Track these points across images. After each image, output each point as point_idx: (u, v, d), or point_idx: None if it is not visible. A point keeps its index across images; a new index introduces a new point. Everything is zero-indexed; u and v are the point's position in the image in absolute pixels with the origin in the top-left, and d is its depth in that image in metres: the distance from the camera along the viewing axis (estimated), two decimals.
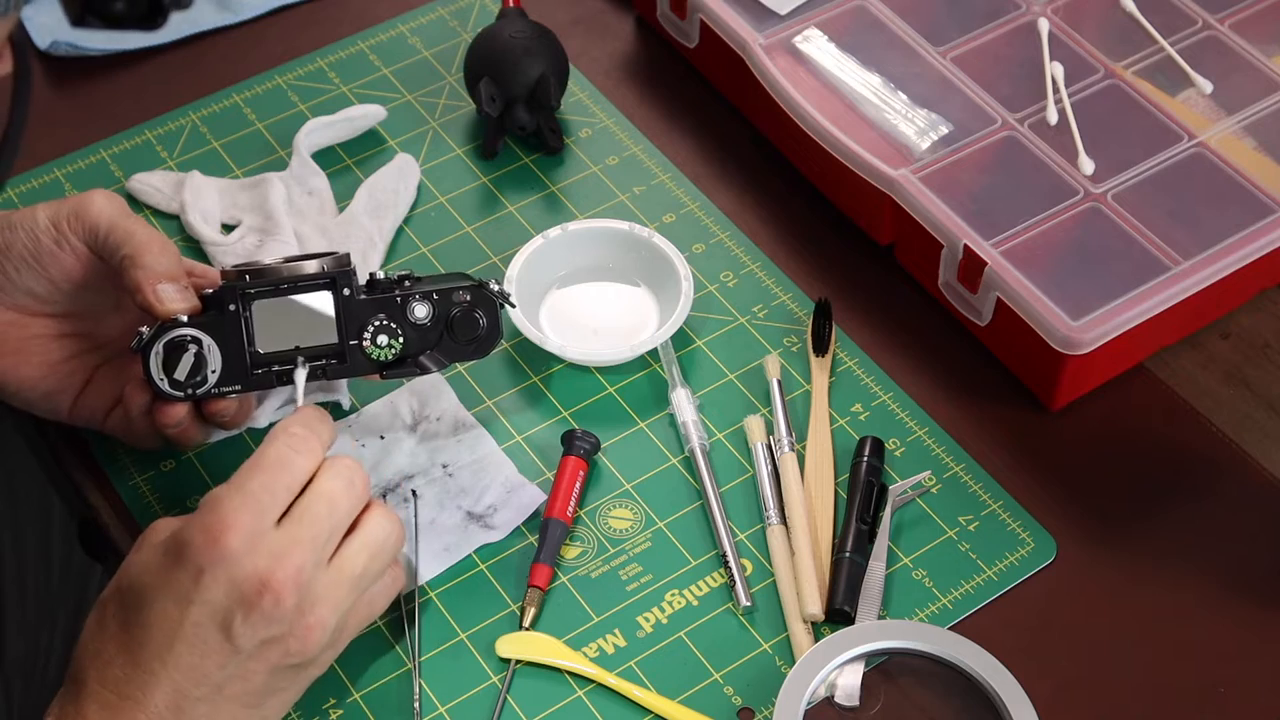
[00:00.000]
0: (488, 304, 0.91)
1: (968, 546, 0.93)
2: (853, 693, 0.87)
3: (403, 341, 0.90)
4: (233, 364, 0.88)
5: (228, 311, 0.88)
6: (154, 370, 0.88)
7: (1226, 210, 1.00)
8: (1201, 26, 1.10)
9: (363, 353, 0.90)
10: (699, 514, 0.95)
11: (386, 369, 0.90)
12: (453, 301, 0.90)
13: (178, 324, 0.88)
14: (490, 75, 1.09)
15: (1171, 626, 0.91)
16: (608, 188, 1.10)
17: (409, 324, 0.90)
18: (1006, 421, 0.99)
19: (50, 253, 0.90)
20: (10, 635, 0.97)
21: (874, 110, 1.07)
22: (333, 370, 0.90)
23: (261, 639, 0.77)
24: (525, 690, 0.88)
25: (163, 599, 0.77)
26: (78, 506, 0.98)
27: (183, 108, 1.14)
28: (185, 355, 0.87)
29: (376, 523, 0.82)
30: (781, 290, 1.05)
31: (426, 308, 0.90)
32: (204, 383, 0.88)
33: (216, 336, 0.88)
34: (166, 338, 0.87)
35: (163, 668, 0.76)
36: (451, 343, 0.91)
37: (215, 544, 0.76)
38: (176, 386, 0.88)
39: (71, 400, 0.93)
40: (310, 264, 0.89)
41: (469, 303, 0.90)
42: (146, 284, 0.88)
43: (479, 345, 0.91)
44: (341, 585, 0.80)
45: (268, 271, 0.89)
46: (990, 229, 0.99)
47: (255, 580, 0.76)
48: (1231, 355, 1.02)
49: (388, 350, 0.90)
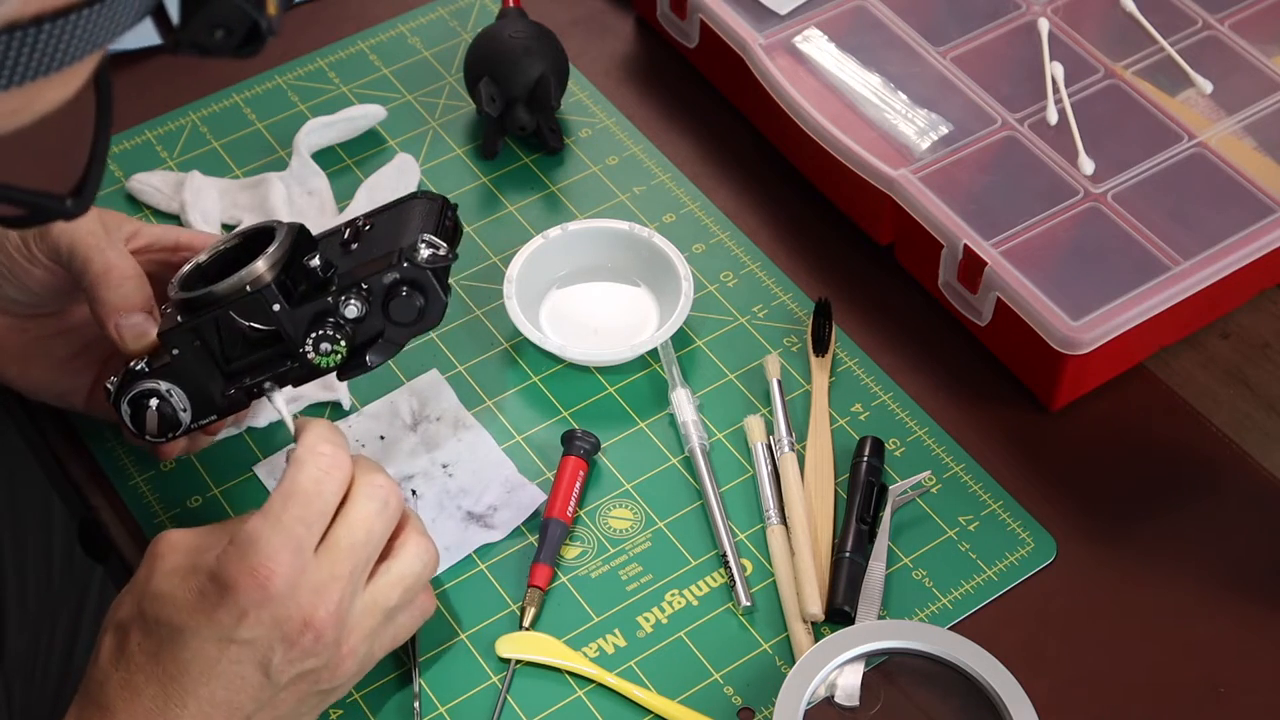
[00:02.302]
0: (419, 277, 0.85)
1: (968, 546, 0.93)
2: (853, 693, 0.86)
3: (345, 343, 0.86)
4: (200, 399, 0.87)
5: (173, 356, 0.85)
6: (130, 423, 0.87)
7: (1226, 210, 1.00)
8: (1201, 26, 1.10)
9: (310, 362, 0.86)
10: (699, 514, 0.95)
11: (340, 372, 0.87)
12: (383, 284, 0.85)
13: (137, 375, 0.86)
14: (490, 75, 1.09)
15: (1171, 626, 0.91)
16: (608, 188, 1.10)
17: (347, 322, 0.85)
18: (1006, 421, 0.99)
19: (24, 269, 0.89)
20: (10, 635, 0.97)
21: (874, 110, 1.07)
22: (295, 375, 0.87)
23: (297, 673, 0.77)
24: (525, 690, 0.88)
25: (201, 639, 0.76)
26: (78, 506, 0.98)
27: (183, 108, 1.14)
28: (148, 411, 0.86)
29: (413, 553, 0.82)
30: (781, 290, 1.05)
31: (358, 305, 0.85)
32: (179, 425, 0.87)
33: (176, 378, 0.86)
34: (129, 394, 0.86)
35: (196, 702, 0.76)
36: (395, 327, 0.86)
37: (260, 587, 0.75)
38: (154, 436, 0.87)
39: (85, 394, 0.94)
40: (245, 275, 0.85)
41: (399, 281, 0.85)
42: (107, 321, 0.87)
43: (422, 320, 0.86)
44: (375, 615, 0.80)
45: (204, 300, 0.85)
46: (990, 229, 0.99)
47: (299, 620, 0.76)
48: (1231, 355, 1.02)
49: (333, 356, 0.86)
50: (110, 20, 0.54)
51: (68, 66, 0.53)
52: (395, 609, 0.81)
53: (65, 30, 0.52)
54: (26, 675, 0.98)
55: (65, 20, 0.52)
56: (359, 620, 0.79)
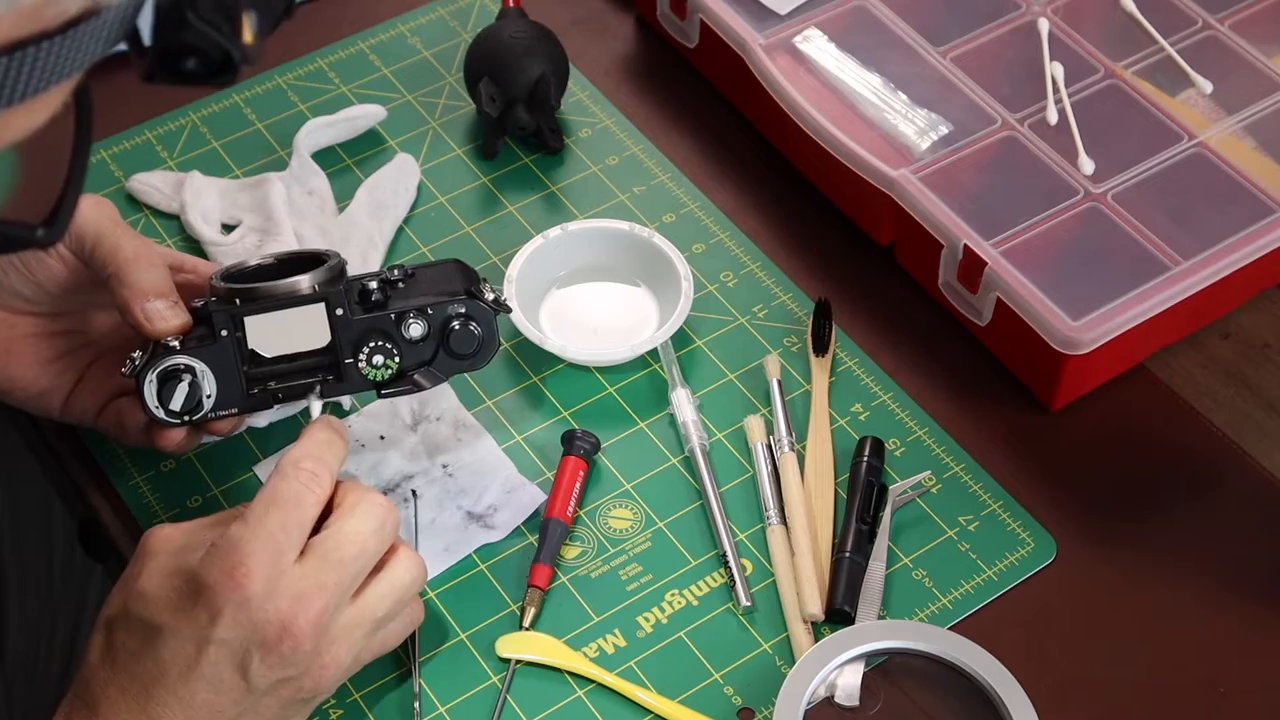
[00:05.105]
0: (483, 315, 0.89)
1: (968, 546, 0.93)
2: (853, 693, 0.87)
3: (398, 360, 0.88)
4: (228, 388, 0.87)
5: (220, 337, 0.86)
6: (149, 398, 0.86)
7: (1226, 210, 1.00)
8: (1201, 26, 1.10)
9: (358, 372, 0.88)
10: (699, 514, 0.95)
11: (383, 387, 0.89)
12: (447, 315, 0.88)
13: (169, 350, 0.86)
14: (490, 75, 1.09)
15: (1171, 626, 0.91)
16: (608, 188, 1.10)
17: (404, 341, 0.88)
18: (1006, 421, 0.99)
19: (38, 259, 0.88)
20: (11, 635, 0.97)
21: (874, 110, 1.07)
22: (329, 389, 0.88)
23: (277, 679, 0.77)
24: (525, 690, 0.88)
25: (179, 638, 0.76)
26: (78, 507, 0.97)
27: (183, 108, 1.14)
28: (179, 385, 0.86)
29: (403, 566, 0.82)
30: (781, 290, 1.05)
31: (422, 326, 0.88)
32: (200, 409, 0.87)
33: (209, 362, 0.86)
34: (160, 367, 0.86)
35: (178, 703, 0.76)
36: (448, 358, 0.89)
37: (236, 586, 0.75)
38: (172, 415, 0.87)
39: (63, 399, 0.93)
40: (304, 281, 0.87)
41: (464, 315, 0.88)
42: (134, 303, 0.86)
43: (476, 359, 0.89)
44: (360, 626, 0.80)
45: (259, 292, 0.87)
46: (990, 229, 0.99)
47: (276, 624, 0.76)
48: (1231, 355, 1.02)
49: (384, 370, 0.88)
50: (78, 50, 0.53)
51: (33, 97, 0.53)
52: (382, 620, 0.81)
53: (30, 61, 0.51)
54: (27, 676, 0.98)
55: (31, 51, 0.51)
56: (343, 632, 0.79)
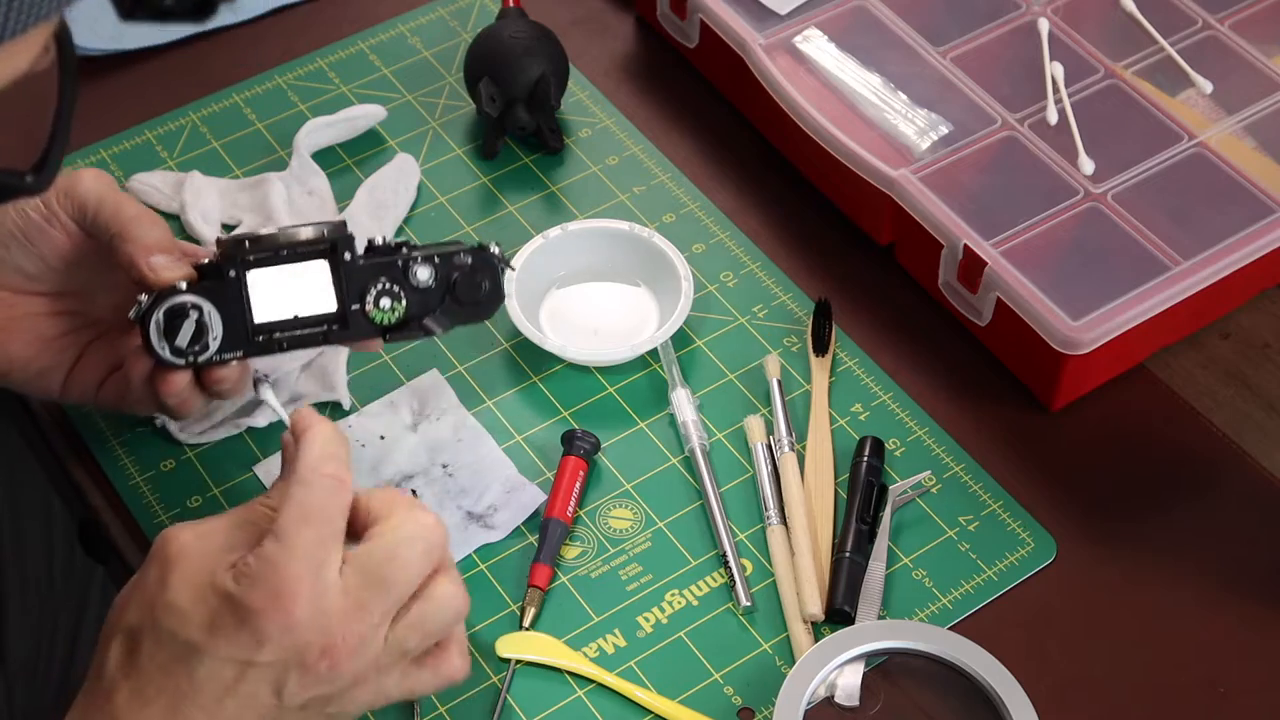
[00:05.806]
0: (489, 267, 0.90)
1: (968, 546, 0.93)
2: (853, 693, 0.87)
3: (405, 305, 0.89)
4: (234, 330, 0.87)
5: (227, 277, 0.87)
6: (154, 338, 0.86)
7: (1226, 210, 1.00)
8: (1201, 26, 1.10)
9: (365, 317, 0.89)
10: (699, 514, 0.95)
11: (389, 332, 0.90)
12: (454, 264, 0.90)
13: (176, 291, 0.86)
14: (490, 75, 1.09)
15: (1171, 626, 0.91)
16: (608, 188, 1.10)
17: (411, 287, 0.89)
18: (1006, 421, 0.99)
19: (40, 229, 0.88)
20: (11, 637, 0.97)
21: (874, 110, 1.08)
22: (334, 335, 0.89)
23: (309, 697, 0.76)
24: (525, 690, 0.88)
25: (218, 660, 0.74)
26: (78, 507, 0.97)
27: (183, 108, 1.14)
28: (186, 322, 0.86)
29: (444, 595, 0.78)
30: (781, 290, 1.05)
31: (429, 270, 0.89)
32: (205, 349, 0.87)
33: (216, 303, 0.87)
34: (167, 304, 0.86)
35: (205, 717, 0.75)
36: (454, 305, 0.90)
37: (282, 612, 0.73)
38: (178, 354, 0.87)
39: (63, 377, 0.92)
40: (308, 229, 0.88)
41: (471, 265, 0.90)
42: (139, 257, 0.87)
43: (482, 307, 0.91)
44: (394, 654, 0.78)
45: (266, 239, 0.88)
46: (990, 229, 0.99)
47: (318, 648, 0.74)
48: (1231, 355, 1.02)
49: (390, 314, 0.89)
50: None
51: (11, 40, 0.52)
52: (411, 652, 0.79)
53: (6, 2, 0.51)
54: (28, 677, 0.98)
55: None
56: (379, 658, 0.77)
